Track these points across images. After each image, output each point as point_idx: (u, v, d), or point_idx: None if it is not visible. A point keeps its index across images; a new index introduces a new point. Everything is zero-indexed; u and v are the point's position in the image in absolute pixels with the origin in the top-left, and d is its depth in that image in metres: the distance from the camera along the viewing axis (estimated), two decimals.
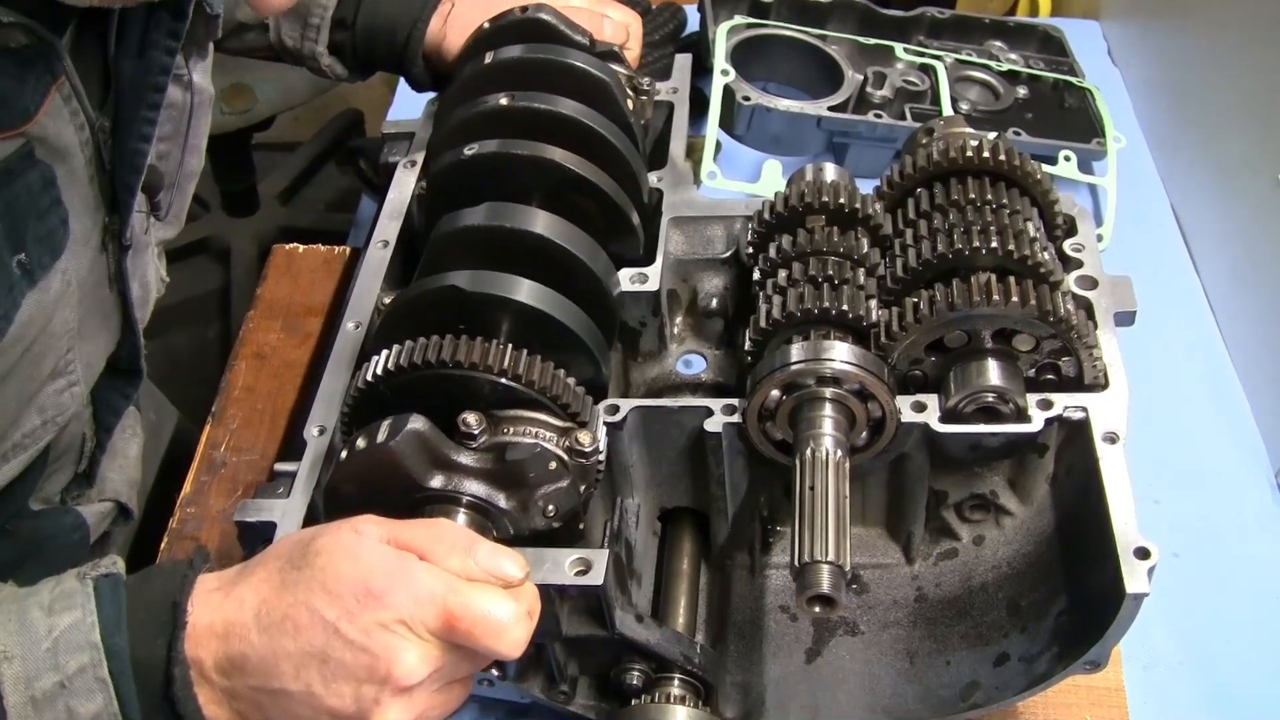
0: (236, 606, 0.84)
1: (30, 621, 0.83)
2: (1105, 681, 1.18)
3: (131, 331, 1.21)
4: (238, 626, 0.83)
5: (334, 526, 0.87)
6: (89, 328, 1.12)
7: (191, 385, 2.31)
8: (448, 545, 0.86)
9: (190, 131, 1.20)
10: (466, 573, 0.86)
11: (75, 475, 1.27)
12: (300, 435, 1.08)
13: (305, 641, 0.82)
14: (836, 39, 1.82)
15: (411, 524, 0.89)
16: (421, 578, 0.83)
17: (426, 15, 1.40)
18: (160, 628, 0.84)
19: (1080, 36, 1.99)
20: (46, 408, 1.09)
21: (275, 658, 0.82)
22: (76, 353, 1.10)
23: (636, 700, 1.05)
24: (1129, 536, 0.93)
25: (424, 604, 0.82)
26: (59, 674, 0.81)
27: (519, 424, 0.96)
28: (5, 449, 1.06)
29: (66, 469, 1.25)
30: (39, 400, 1.07)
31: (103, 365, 1.19)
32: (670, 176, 1.30)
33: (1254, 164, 1.53)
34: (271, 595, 0.84)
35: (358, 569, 0.83)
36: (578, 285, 1.07)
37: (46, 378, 1.07)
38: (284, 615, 0.82)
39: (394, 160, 1.36)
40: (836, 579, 0.90)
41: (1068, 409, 1.02)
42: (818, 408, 1.02)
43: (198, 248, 3.23)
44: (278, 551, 0.88)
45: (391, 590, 0.82)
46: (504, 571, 0.87)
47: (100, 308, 1.14)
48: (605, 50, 1.33)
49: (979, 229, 1.06)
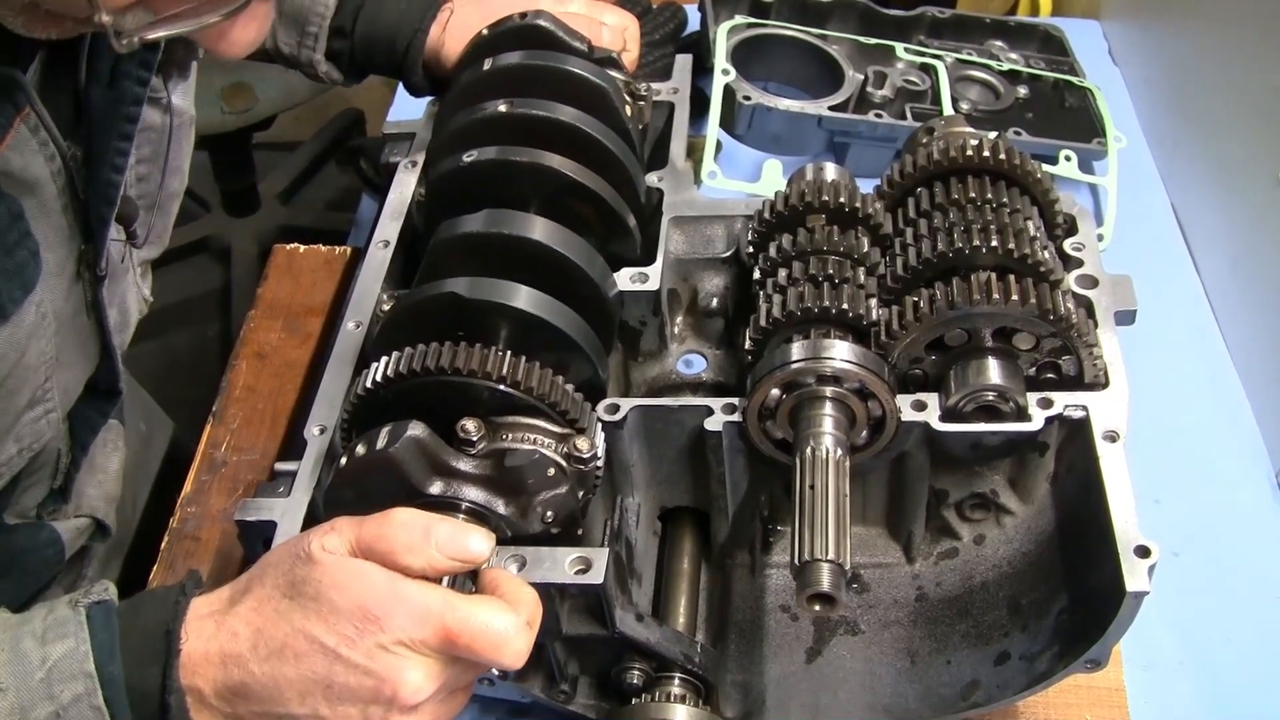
0: (230, 638, 0.84)
1: (23, 651, 0.83)
2: (1105, 681, 1.18)
3: (109, 356, 1.20)
4: (234, 658, 0.83)
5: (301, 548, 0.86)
6: (66, 356, 1.11)
7: (191, 385, 2.32)
8: (404, 545, 0.86)
9: (170, 153, 1.18)
10: (432, 567, 0.86)
11: (50, 491, 1.25)
12: (301, 435, 1.08)
13: (308, 668, 0.82)
14: (837, 38, 1.82)
15: (372, 525, 0.88)
16: (416, 596, 0.84)
17: (426, 24, 1.39)
18: (154, 656, 0.84)
19: (1081, 36, 1.99)
20: (23, 436, 1.07)
21: (278, 685, 0.83)
22: (54, 381, 1.08)
23: (637, 699, 1.05)
24: (1129, 535, 0.93)
25: (422, 622, 0.83)
26: (54, 704, 0.81)
27: (518, 430, 0.96)
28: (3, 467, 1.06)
29: (42, 484, 1.23)
30: (16, 430, 1.06)
31: (80, 390, 1.17)
32: (671, 176, 1.30)
33: (1254, 163, 1.53)
34: (266, 626, 0.84)
35: (351, 596, 0.83)
36: (576, 291, 1.08)
37: (24, 408, 1.05)
38: (282, 645, 0.83)
39: (395, 160, 1.37)
40: (837, 578, 0.91)
41: (1068, 408, 1.02)
42: (818, 406, 1.02)
43: (198, 247, 3.23)
44: (264, 577, 0.87)
45: (388, 613, 0.82)
46: (469, 552, 0.88)
47: (77, 335, 1.13)
48: (603, 56, 1.33)
49: (979, 228, 1.06)
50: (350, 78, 1.48)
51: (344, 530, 0.87)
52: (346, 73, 1.46)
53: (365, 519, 0.88)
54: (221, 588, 0.89)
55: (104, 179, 1.06)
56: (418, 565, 0.86)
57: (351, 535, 0.87)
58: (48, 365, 1.05)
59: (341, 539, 0.87)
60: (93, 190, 1.06)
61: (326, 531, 0.87)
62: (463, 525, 0.90)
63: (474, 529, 0.90)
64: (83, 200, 1.06)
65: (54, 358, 1.06)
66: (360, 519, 0.88)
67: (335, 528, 0.88)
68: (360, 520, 0.88)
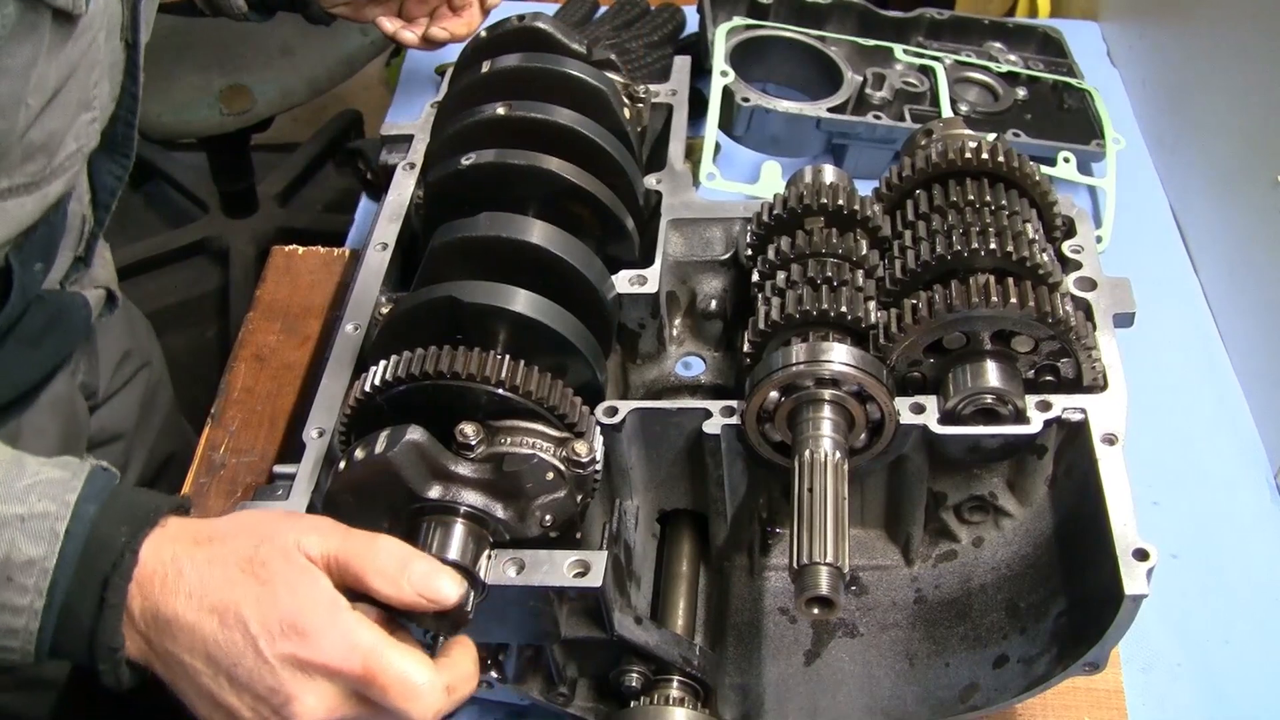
0: (176, 574, 0.86)
1: (24, 461, 0.88)
2: (1104, 683, 1.18)
3: (130, 90, 1.22)
4: (171, 592, 0.85)
5: (281, 530, 0.89)
6: (103, 70, 1.15)
7: (191, 386, 2.31)
8: (378, 569, 0.87)
9: None
10: (399, 598, 0.87)
11: (74, 260, 1.31)
12: (299, 437, 1.08)
13: (226, 640, 0.84)
14: (835, 40, 1.83)
15: (355, 541, 0.89)
16: (350, 627, 0.84)
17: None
18: (132, 520, 0.87)
19: (1079, 38, 2.00)
20: (81, 135, 1.13)
21: (194, 638, 0.85)
22: (98, 89, 1.13)
23: (635, 702, 1.06)
24: (1128, 538, 0.93)
25: (348, 652, 0.83)
26: (24, 508, 0.85)
27: (516, 434, 0.96)
28: (55, 166, 1.11)
29: (65, 253, 1.29)
30: (74, 129, 1.11)
31: (109, 115, 1.21)
32: (669, 178, 1.30)
33: (1253, 164, 1.53)
34: (211, 582, 0.85)
35: (292, 603, 0.84)
36: (574, 294, 1.08)
37: (78, 108, 1.11)
38: (214, 607, 0.84)
39: (393, 162, 1.37)
40: (835, 581, 0.90)
41: (1066, 410, 1.02)
42: (816, 409, 1.02)
43: (196, 249, 3.23)
44: (229, 535, 0.89)
45: (317, 633, 0.83)
46: (439, 593, 0.88)
47: (112, 56, 1.17)
48: (602, 59, 1.33)
49: (978, 230, 1.06)
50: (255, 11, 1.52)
51: (328, 536, 0.88)
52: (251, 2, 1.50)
53: (353, 532, 0.90)
54: (199, 521, 0.91)
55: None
56: (385, 591, 0.87)
57: (332, 546, 0.88)
58: (99, 66, 1.12)
59: (321, 545, 0.88)
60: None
61: (310, 530, 0.89)
62: (440, 567, 0.90)
63: (449, 573, 0.90)
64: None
65: (103, 61, 1.12)
66: (348, 531, 0.90)
67: (320, 529, 0.89)
68: (347, 533, 0.89)
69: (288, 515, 0.94)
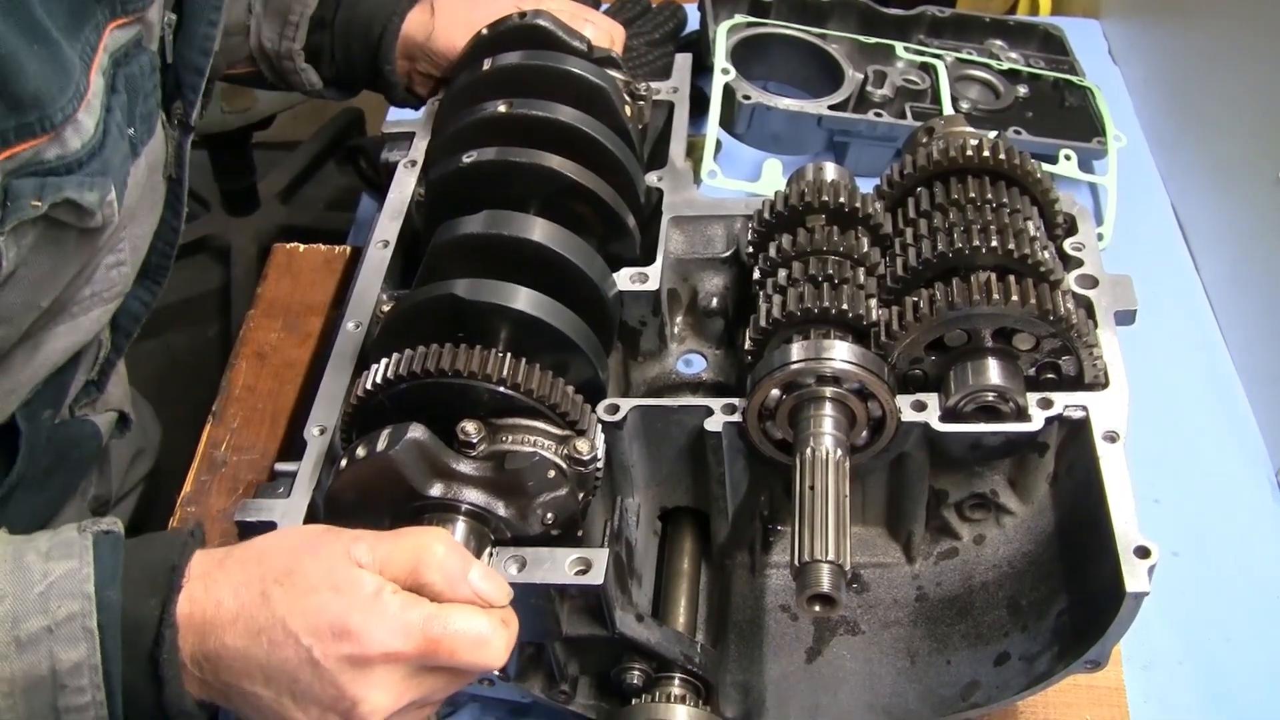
0: (214, 607, 0.84)
1: (26, 564, 0.83)
2: (1105, 681, 1.18)
3: (171, 223, 1.21)
4: (214, 627, 0.84)
5: (325, 542, 0.88)
6: (141, 209, 1.13)
7: (191, 385, 2.31)
8: (436, 564, 0.86)
9: None
10: (453, 594, 0.86)
11: (86, 383, 1.26)
12: (301, 435, 1.08)
13: (279, 659, 0.83)
14: (837, 38, 1.82)
15: (398, 544, 0.88)
16: (397, 612, 0.84)
17: (403, 9, 1.40)
18: (155, 588, 0.84)
19: (1081, 35, 2.00)
20: (96, 281, 1.09)
21: (248, 664, 0.83)
22: (127, 232, 1.11)
23: (637, 700, 1.06)
24: (1129, 535, 0.93)
25: (402, 637, 0.83)
26: (48, 618, 0.82)
27: (518, 432, 0.96)
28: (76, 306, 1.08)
29: (79, 377, 1.24)
30: (91, 272, 1.08)
31: (144, 254, 1.18)
32: (670, 176, 1.30)
33: (1254, 163, 1.53)
34: (251, 605, 0.84)
35: (337, 604, 0.83)
36: (575, 291, 1.08)
37: (100, 250, 1.07)
38: (260, 629, 0.83)
39: (394, 159, 1.36)
40: (836, 578, 0.91)
41: (1068, 408, 1.02)
42: (818, 407, 1.02)
43: (198, 247, 3.22)
44: (263, 554, 0.87)
45: (366, 627, 0.82)
46: (494, 597, 0.88)
47: (151, 194, 1.15)
48: (603, 56, 1.33)
49: (979, 228, 1.06)
50: (331, 86, 1.48)
51: (376, 543, 0.87)
52: (326, 77, 1.46)
53: (398, 533, 0.89)
54: (220, 549, 0.89)
55: (200, 33, 1.15)
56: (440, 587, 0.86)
57: (382, 550, 0.87)
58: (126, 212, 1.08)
59: (370, 551, 0.86)
60: (188, 44, 1.15)
61: (357, 539, 0.87)
62: (490, 571, 0.90)
63: (498, 577, 0.90)
64: (169, 65, 1.14)
65: (132, 207, 1.09)
66: (394, 533, 0.89)
67: (364, 537, 0.88)
68: (394, 534, 0.88)
69: (329, 529, 0.91)
